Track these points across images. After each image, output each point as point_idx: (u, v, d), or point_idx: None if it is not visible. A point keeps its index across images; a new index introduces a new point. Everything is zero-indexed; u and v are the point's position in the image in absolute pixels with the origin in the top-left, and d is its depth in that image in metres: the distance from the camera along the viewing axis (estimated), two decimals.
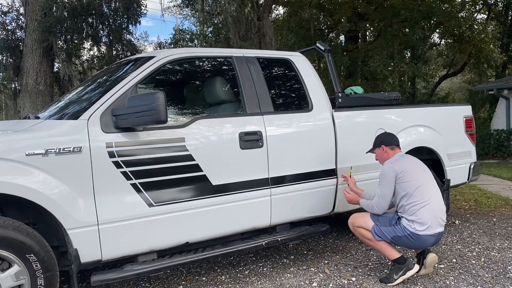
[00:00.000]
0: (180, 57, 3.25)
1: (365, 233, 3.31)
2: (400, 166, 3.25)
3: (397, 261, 3.25)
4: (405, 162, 3.29)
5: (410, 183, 3.18)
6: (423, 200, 3.14)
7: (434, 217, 3.14)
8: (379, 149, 3.47)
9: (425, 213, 3.12)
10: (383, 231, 3.23)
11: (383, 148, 3.44)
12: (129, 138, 2.79)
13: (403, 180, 3.20)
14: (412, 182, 3.18)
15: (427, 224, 3.11)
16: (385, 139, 3.47)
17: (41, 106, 9.23)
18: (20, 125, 2.84)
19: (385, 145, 3.44)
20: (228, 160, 3.16)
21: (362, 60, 16.72)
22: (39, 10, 9.46)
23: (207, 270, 3.73)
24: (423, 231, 3.12)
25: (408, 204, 3.17)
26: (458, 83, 29.28)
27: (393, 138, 3.49)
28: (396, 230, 3.20)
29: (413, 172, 3.24)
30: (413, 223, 3.13)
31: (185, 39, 19.03)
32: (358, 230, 3.36)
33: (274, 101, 3.55)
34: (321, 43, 4.44)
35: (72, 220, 2.56)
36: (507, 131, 13.44)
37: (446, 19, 14.83)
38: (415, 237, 3.13)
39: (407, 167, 3.25)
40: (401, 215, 3.25)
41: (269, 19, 13.81)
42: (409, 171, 3.23)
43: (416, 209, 3.13)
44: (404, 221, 3.18)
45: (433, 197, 3.19)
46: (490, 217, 5.36)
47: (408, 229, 3.14)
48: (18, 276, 2.41)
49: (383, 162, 3.44)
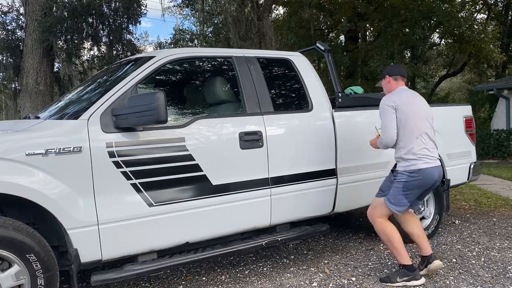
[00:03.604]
0: (180, 57, 3.25)
1: (385, 225, 3.27)
2: (399, 99, 3.23)
3: (407, 268, 3.24)
4: (405, 95, 3.28)
5: (407, 116, 3.18)
6: (417, 133, 3.17)
7: (427, 150, 3.17)
8: (384, 80, 3.47)
9: (418, 145, 3.15)
10: (392, 194, 3.22)
11: (387, 79, 3.44)
12: (129, 138, 2.79)
13: (401, 113, 3.19)
14: (409, 115, 3.18)
15: (421, 153, 3.14)
16: (390, 70, 3.46)
17: (41, 106, 9.23)
18: (20, 125, 2.84)
19: (389, 76, 3.43)
20: (228, 160, 3.16)
21: (362, 60, 16.72)
22: (39, 10, 9.46)
23: (207, 270, 3.73)
24: (422, 164, 3.13)
25: (403, 139, 3.17)
26: (458, 83, 29.27)
27: (397, 69, 3.48)
28: (399, 180, 3.19)
29: (413, 105, 3.24)
30: (409, 160, 3.15)
31: (185, 39, 19.05)
32: (378, 222, 3.30)
33: (274, 101, 3.55)
34: (321, 43, 4.44)
35: (72, 220, 2.56)
36: (507, 131, 13.43)
37: (446, 19, 14.80)
38: (418, 172, 3.13)
39: (406, 100, 3.24)
40: (397, 160, 3.26)
41: (269, 19, 13.81)
42: (408, 104, 3.22)
43: (410, 141, 3.16)
44: (402, 164, 3.20)
45: (424, 134, 3.20)
46: (490, 217, 5.36)
47: (408, 168, 3.15)
48: (18, 276, 2.41)
49: (387, 93, 3.45)
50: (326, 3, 17.40)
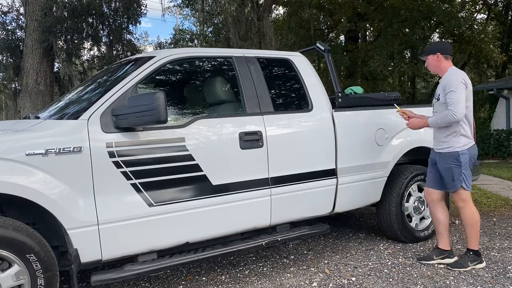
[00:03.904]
0: (180, 57, 3.25)
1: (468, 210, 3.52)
2: (467, 78, 3.35)
3: (476, 253, 3.51)
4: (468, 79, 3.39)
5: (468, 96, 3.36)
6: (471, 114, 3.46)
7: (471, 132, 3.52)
8: (434, 56, 3.47)
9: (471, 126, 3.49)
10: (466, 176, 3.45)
11: (438, 56, 3.44)
12: (129, 138, 2.79)
13: (468, 93, 3.34)
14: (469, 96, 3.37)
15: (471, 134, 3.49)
16: (442, 47, 3.47)
17: (41, 106, 9.23)
18: (20, 125, 2.84)
19: (441, 53, 3.43)
20: (228, 160, 3.16)
21: (362, 60, 16.71)
22: (39, 10, 9.46)
23: (207, 270, 3.73)
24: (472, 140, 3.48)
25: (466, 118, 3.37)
26: None
27: (449, 48, 3.51)
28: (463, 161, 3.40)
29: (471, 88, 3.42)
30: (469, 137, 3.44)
31: (185, 39, 19.06)
32: (468, 207, 3.54)
33: (274, 101, 3.55)
34: (321, 43, 4.44)
35: (72, 220, 2.56)
36: (507, 131, 13.44)
37: (446, 19, 14.81)
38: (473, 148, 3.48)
39: (469, 81, 3.39)
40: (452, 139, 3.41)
41: (269, 19, 13.81)
42: (471, 85, 3.39)
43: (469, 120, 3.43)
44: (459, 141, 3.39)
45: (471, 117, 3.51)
46: (490, 217, 5.36)
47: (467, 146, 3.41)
48: (18, 276, 2.41)
49: (435, 70, 3.50)
50: (326, 3, 17.40)
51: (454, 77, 3.34)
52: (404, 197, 4.19)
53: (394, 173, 4.18)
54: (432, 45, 3.50)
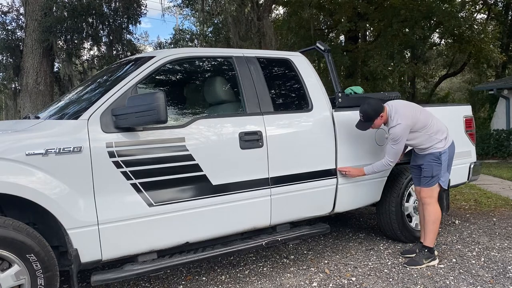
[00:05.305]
0: (180, 57, 3.25)
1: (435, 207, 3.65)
2: (410, 119, 3.53)
3: (430, 250, 3.65)
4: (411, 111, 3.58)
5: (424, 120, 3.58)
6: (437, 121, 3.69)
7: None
8: (379, 118, 3.60)
9: (442, 126, 3.69)
10: (441, 171, 3.60)
11: (381, 116, 3.59)
12: (129, 138, 2.79)
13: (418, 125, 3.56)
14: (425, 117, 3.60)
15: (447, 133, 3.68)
16: (376, 107, 3.57)
17: (41, 106, 9.24)
18: (20, 125, 2.84)
19: (381, 112, 3.58)
20: (228, 160, 3.16)
21: (362, 60, 16.71)
22: (39, 10, 9.46)
23: (207, 270, 3.73)
24: (450, 140, 3.67)
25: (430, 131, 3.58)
26: (458, 83, 29.27)
27: (377, 101, 3.67)
28: (438, 160, 3.58)
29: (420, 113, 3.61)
30: (441, 140, 3.60)
31: (185, 39, 19.06)
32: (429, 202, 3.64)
33: (274, 101, 3.55)
34: (321, 43, 4.44)
35: (72, 220, 2.56)
36: (507, 131, 13.44)
37: (446, 19, 14.81)
38: (451, 148, 3.67)
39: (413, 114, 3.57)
40: (430, 146, 3.60)
41: (269, 19, 13.81)
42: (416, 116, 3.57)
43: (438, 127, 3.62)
44: (436, 146, 3.59)
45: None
46: (490, 217, 5.36)
47: (445, 146, 3.60)
48: (18, 276, 2.41)
49: (385, 124, 3.66)
50: (326, 3, 17.40)
51: (398, 130, 3.51)
52: (404, 197, 4.19)
53: (394, 173, 4.18)
54: (367, 112, 3.56)
